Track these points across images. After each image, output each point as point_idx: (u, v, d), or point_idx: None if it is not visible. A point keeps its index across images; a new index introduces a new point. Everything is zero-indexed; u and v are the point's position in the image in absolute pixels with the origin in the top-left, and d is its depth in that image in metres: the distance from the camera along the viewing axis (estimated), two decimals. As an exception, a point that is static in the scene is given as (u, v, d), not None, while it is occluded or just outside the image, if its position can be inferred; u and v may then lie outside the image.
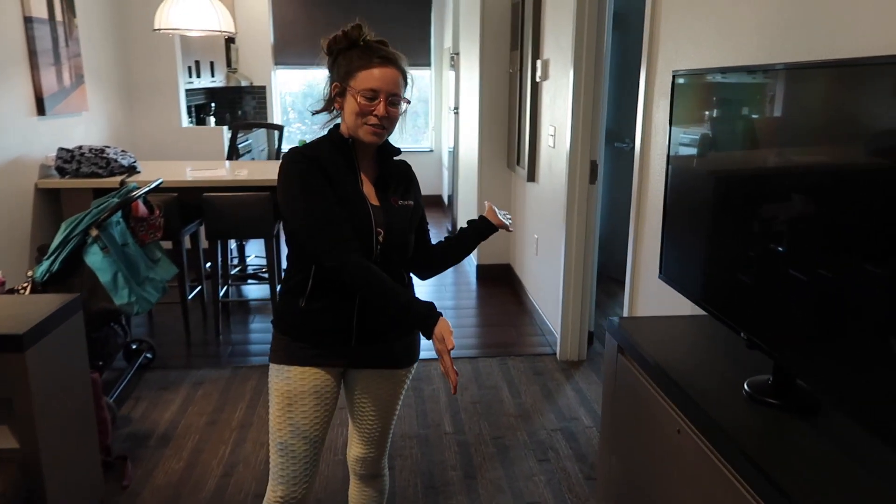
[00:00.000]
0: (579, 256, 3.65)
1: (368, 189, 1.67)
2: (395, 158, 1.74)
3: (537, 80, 4.11)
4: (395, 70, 1.58)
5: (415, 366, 1.85)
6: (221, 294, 4.31)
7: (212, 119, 7.25)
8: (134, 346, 3.65)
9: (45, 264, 2.80)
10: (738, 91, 1.62)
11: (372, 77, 1.56)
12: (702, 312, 1.92)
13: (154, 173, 4.20)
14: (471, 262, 5.56)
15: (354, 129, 1.60)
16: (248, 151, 6.70)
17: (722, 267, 1.65)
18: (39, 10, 3.94)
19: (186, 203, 4.01)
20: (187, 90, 6.65)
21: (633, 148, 4.96)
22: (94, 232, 2.82)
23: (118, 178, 3.98)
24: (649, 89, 2.49)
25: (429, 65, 8.19)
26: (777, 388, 1.47)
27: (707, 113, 1.73)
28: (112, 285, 2.85)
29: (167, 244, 3.84)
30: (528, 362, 3.75)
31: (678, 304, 2.22)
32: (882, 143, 1.14)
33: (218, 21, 4.07)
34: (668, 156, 1.88)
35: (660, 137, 2.41)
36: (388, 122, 1.58)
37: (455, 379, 1.52)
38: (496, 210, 1.90)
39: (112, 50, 5.07)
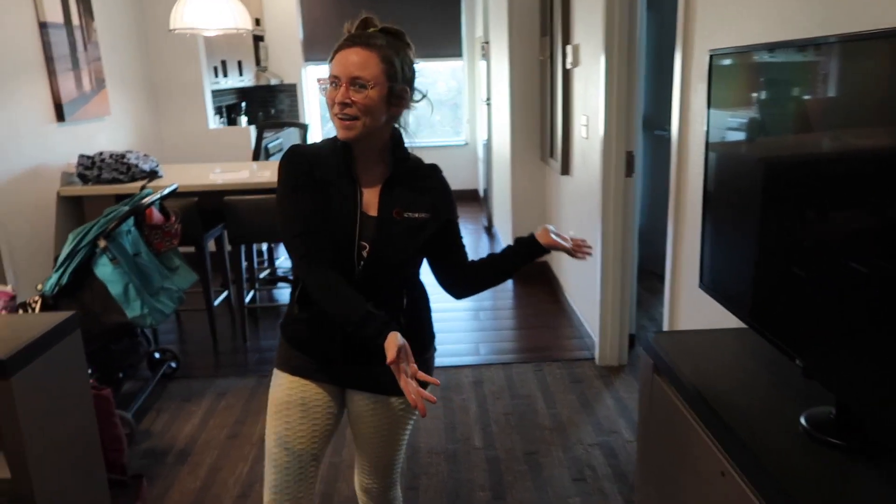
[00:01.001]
0: (617, 254, 3.41)
1: (369, 197, 1.51)
2: (426, 165, 1.58)
3: (568, 66, 3.87)
4: (362, 49, 1.40)
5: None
6: (248, 300, 4.20)
7: (243, 119, 7.19)
8: (157, 356, 3.56)
9: (54, 277, 2.72)
10: (788, 70, 1.38)
11: (335, 62, 1.41)
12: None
13: (176, 177, 4.11)
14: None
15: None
16: (280, 150, 6.62)
17: (772, 277, 1.41)
18: (54, 15, 3.87)
19: (208, 207, 3.92)
20: (217, 90, 6.59)
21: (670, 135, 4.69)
22: (102, 243, 2.72)
23: (139, 184, 3.90)
24: (685, 72, 2.24)
25: (461, 55, 7.97)
26: (842, 424, 1.24)
27: (754, 95, 1.49)
28: (123, 297, 2.75)
29: (190, 249, 3.75)
30: (565, 368, 3.53)
31: (725, 314, 1.98)
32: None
33: (234, 19, 3.94)
34: (707, 145, 1.65)
35: (698, 124, 2.16)
36: (356, 109, 1.39)
37: (420, 407, 1.26)
38: (551, 230, 1.68)
39: (134, 52, 5.01)
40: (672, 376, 1.57)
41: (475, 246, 6.12)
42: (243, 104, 7.37)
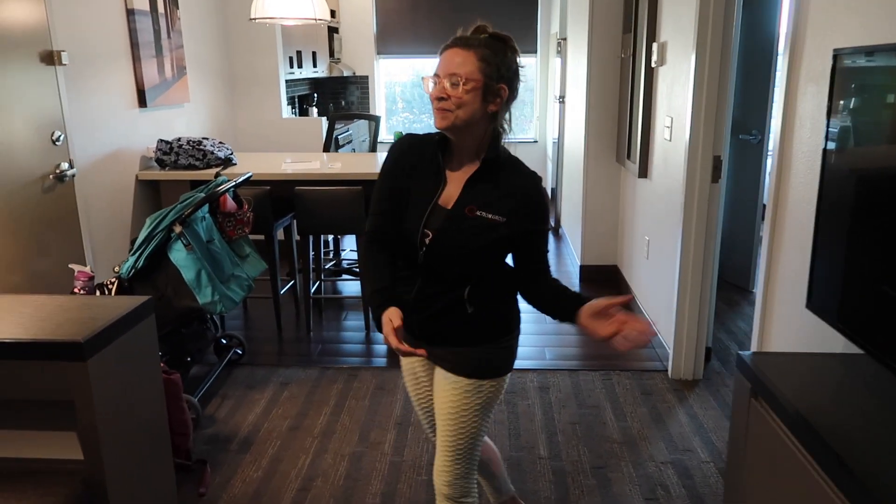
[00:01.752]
0: (697, 263, 3.25)
1: (452, 190, 1.59)
2: (523, 169, 1.60)
3: (653, 65, 3.71)
4: (461, 49, 1.51)
5: (486, 383, 1.68)
6: (313, 290, 4.21)
7: (314, 110, 7.25)
8: (224, 342, 3.60)
9: (131, 260, 2.75)
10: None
11: (439, 63, 1.54)
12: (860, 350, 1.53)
13: (249, 166, 4.15)
14: (574, 262, 5.21)
15: None
16: (349, 142, 6.64)
17: (901, 302, 1.27)
18: (142, 2, 3.95)
19: (279, 196, 3.93)
20: (290, 81, 6.66)
21: (760, 140, 4.46)
22: (178, 228, 2.74)
23: (214, 171, 3.94)
24: (793, 73, 2.08)
25: (535, 52, 7.83)
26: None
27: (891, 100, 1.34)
28: (195, 283, 2.77)
29: (260, 237, 3.77)
30: (635, 379, 3.39)
31: (826, 338, 1.82)
32: None
33: (313, 9, 3.94)
34: (825, 154, 1.50)
35: (805, 131, 2.00)
36: (450, 103, 1.50)
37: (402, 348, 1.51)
38: (607, 305, 1.57)
39: (214, 41, 5.10)
40: (775, 402, 1.44)
41: (541, 246, 5.99)
42: (315, 95, 7.43)
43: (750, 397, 1.57)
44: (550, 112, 7.51)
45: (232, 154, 4.21)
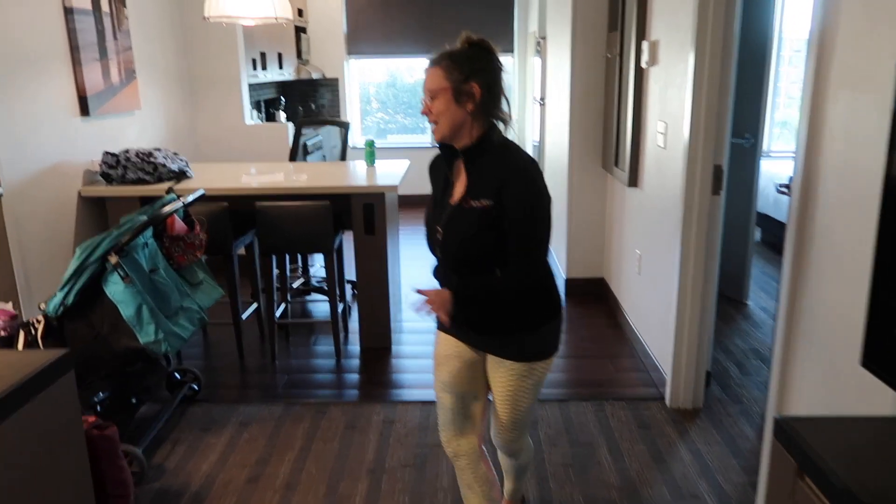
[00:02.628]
0: (697, 282, 2.97)
1: (459, 187, 1.74)
2: (512, 156, 1.70)
3: (643, 65, 3.43)
4: (431, 67, 1.68)
5: (538, 365, 1.84)
6: (279, 314, 3.87)
7: (282, 115, 6.89)
8: (178, 376, 3.24)
9: (59, 296, 2.40)
10: None
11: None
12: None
13: (206, 178, 3.80)
14: (558, 274, 4.92)
15: None
16: (319, 149, 6.29)
17: None
18: (82, 0, 3.58)
19: (239, 211, 3.59)
20: (255, 84, 6.30)
21: (753, 144, 4.21)
22: (114, 259, 2.39)
23: (166, 185, 3.59)
24: (820, 78, 1.80)
25: (511, 51, 7.55)
26: None
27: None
28: (135, 320, 2.42)
29: (219, 256, 3.43)
30: (631, 409, 3.10)
31: (871, 398, 1.54)
32: None
33: (273, 7, 3.60)
34: (888, 177, 1.22)
35: (838, 143, 1.72)
36: (434, 116, 1.68)
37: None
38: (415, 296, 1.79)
39: (168, 42, 4.72)
40: (830, 487, 1.14)
41: (523, 256, 5.69)
42: (282, 99, 7.07)
43: (795, 477, 1.28)
44: (529, 114, 7.23)
45: (187, 166, 3.85)
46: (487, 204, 1.64)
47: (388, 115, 8.36)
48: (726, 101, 2.79)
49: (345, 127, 4.62)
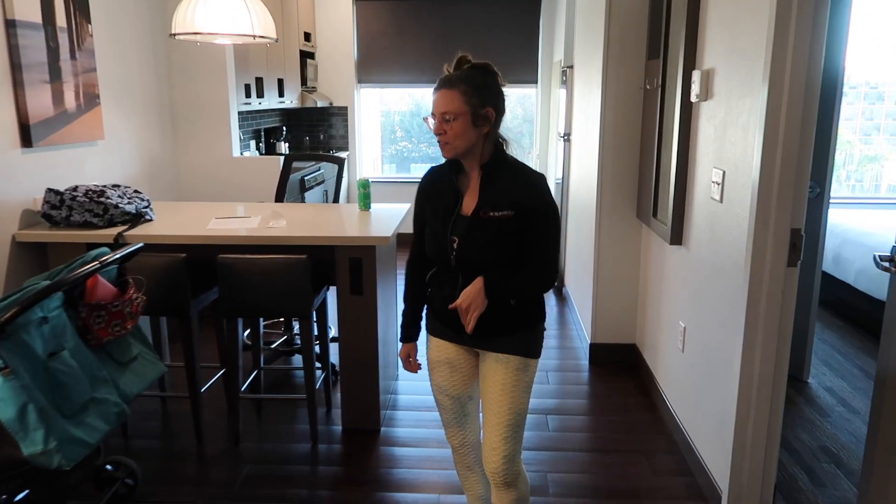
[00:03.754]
0: (766, 372, 2.30)
1: (469, 199, 1.86)
2: (525, 169, 1.86)
3: (692, 99, 2.81)
4: (447, 90, 1.77)
5: (532, 363, 1.92)
6: (245, 386, 3.25)
7: (283, 145, 6.37)
8: (109, 468, 2.63)
9: (-85, 391, 1.80)
10: None
11: (433, 103, 1.80)
12: None
13: (170, 222, 3.23)
14: (582, 337, 4.25)
15: None
16: (320, 183, 5.74)
17: None
18: (29, 12, 3.06)
19: (202, 264, 3.01)
20: (254, 112, 5.78)
21: (819, 194, 3.55)
22: (-12, 344, 1.79)
23: (115, 231, 3.02)
24: None
25: (535, 82, 6.98)
26: None
27: None
28: (17, 425, 1.82)
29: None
30: (675, 536, 2.42)
31: None
32: None
33: (251, 24, 3.05)
34: None
35: None
36: (448, 136, 1.78)
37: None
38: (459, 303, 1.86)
39: (145, 64, 4.19)
40: None
41: (542, 310, 5.04)
42: (284, 129, 6.55)
43: None
44: (553, 149, 6.63)
45: (148, 207, 3.28)
46: (508, 214, 1.79)
47: (411, 143, 7.84)
48: (809, 149, 2.15)
49: (339, 163, 4.04)
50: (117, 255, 2.26)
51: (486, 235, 1.80)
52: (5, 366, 1.80)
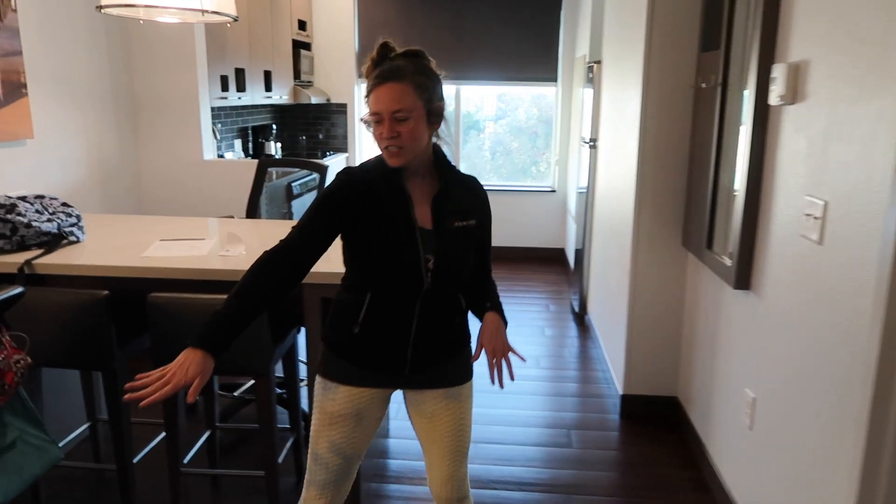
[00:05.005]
0: (893, 480, 1.62)
1: (422, 212, 1.62)
2: (466, 174, 1.71)
3: (774, 101, 2.12)
4: (396, 83, 1.51)
5: (470, 382, 1.77)
6: (189, 457, 2.60)
7: (275, 146, 5.72)
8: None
9: None
10: None
11: (373, 100, 1.53)
12: None
13: (101, 245, 2.58)
14: (611, 387, 3.57)
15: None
16: (311, 190, 5.08)
17: None
18: (-79, -23, 2.43)
19: (134, 299, 2.37)
20: (238, 107, 5.14)
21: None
22: None
23: (23, 256, 2.38)
24: None
25: (555, 80, 6.29)
26: None
27: None
28: None
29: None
30: None
31: None
32: None
33: (201, -3, 2.39)
34: None
35: None
36: (402, 139, 1.52)
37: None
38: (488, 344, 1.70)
39: (92, 47, 3.53)
40: None
41: (559, 335, 4.37)
42: (274, 127, 5.90)
43: None
44: (574, 155, 5.94)
45: (75, 225, 2.63)
46: (474, 223, 1.66)
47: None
48: (973, 175, 1.46)
49: (320, 171, 3.36)
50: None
51: (458, 249, 1.64)
52: None
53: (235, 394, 3.29)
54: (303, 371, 3.10)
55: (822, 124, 1.85)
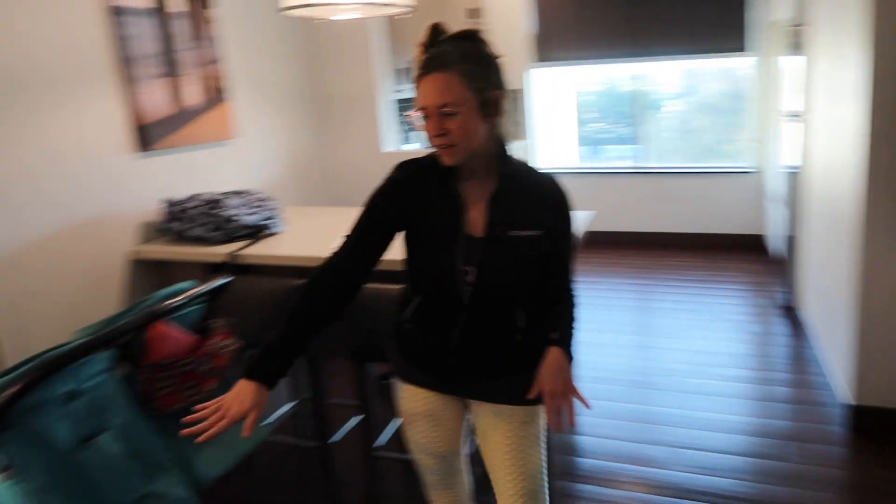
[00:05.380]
0: None
1: (476, 215, 1.43)
2: (539, 174, 1.49)
3: None
4: (440, 73, 1.33)
5: (539, 409, 1.55)
6: (383, 440, 2.62)
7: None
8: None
9: None
10: None
11: (419, 95, 1.37)
12: None
13: (297, 235, 2.68)
14: (831, 394, 3.12)
15: None
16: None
17: None
18: (137, -4, 2.65)
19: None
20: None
21: None
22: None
23: (229, 248, 2.52)
24: None
25: (742, 49, 5.69)
26: None
27: None
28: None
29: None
30: None
31: None
32: None
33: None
34: None
35: None
36: (452, 137, 1.34)
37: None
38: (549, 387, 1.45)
39: (279, 51, 3.69)
40: None
41: (765, 332, 3.93)
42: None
43: None
44: (773, 132, 5.35)
45: (270, 219, 2.76)
46: (537, 234, 1.43)
47: (607, 124, 6.91)
48: None
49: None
50: (179, 301, 1.69)
51: (508, 262, 1.44)
52: (9, 464, 1.26)
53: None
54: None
55: None
